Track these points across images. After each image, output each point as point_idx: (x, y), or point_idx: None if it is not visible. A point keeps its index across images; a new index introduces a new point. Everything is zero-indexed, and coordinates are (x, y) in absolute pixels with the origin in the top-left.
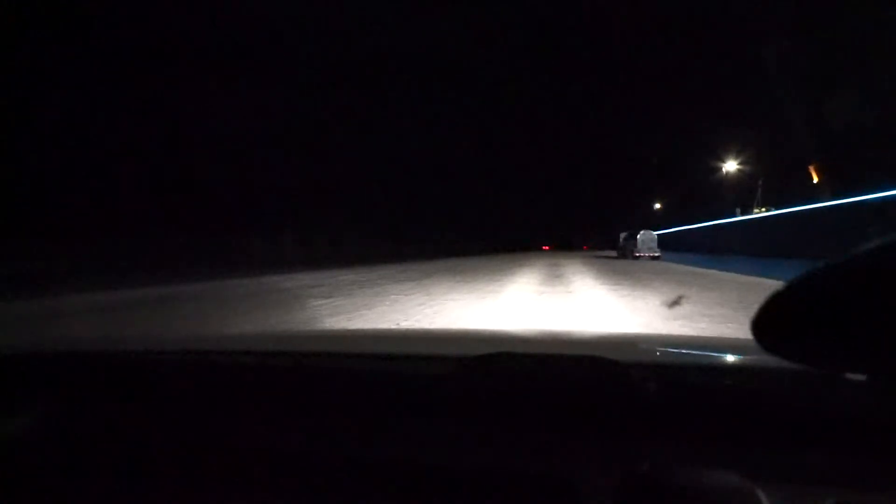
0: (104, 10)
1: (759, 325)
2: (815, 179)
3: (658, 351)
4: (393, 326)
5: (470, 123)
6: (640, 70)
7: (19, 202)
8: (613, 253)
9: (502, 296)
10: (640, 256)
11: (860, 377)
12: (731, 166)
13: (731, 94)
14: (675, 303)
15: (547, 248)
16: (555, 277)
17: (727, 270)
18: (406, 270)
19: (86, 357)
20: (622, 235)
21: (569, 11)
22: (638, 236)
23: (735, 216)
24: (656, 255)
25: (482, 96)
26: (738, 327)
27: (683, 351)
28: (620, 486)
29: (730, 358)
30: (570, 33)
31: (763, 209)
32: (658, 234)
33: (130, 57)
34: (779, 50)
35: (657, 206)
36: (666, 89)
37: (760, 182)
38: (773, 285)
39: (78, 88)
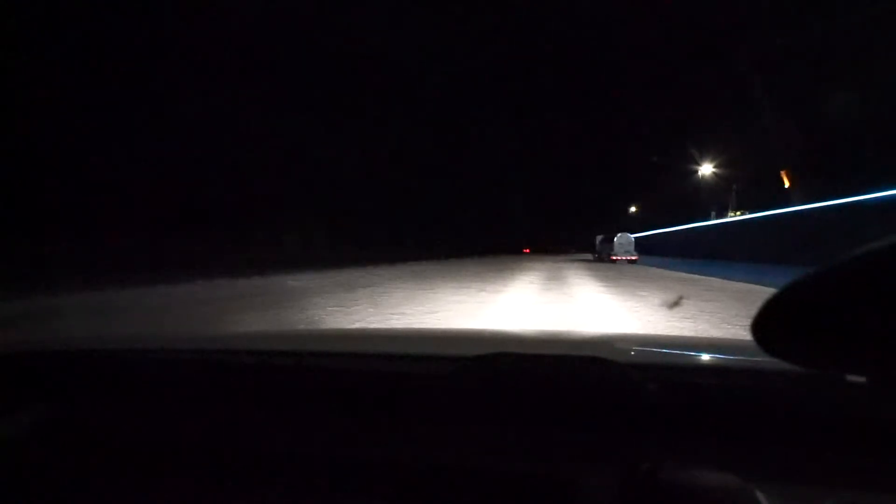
0: (107, 9)
1: (759, 326)
2: (787, 184)
3: (658, 351)
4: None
5: (452, 130)
6: (616, 73)
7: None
8: (589, 256)
9: (467, 308)
10: (616, 260)
11: (860, 378)
12: (706, 169)
13: (706, 97)
14: (675, 303)
15: (527, 250)
16: (529, 283)
17: (714, 276)
18: (368, 275)
19: (85, 355)
20: (598, 238)
21: (543, 16)
22: (615, 239)
23: (709, 220)
24: (633, 258)
25: (464, 103)
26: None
27: (683, 351)
28: (620, 486)
29: (729, 358)
30: (540, 39)
31: (738, 213)
32: (634, 238)
33: (129, 57)
34: (751, 55)
35: (633, 209)
36: (642, 93)
37: (734, 186)
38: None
39: (76, 88)
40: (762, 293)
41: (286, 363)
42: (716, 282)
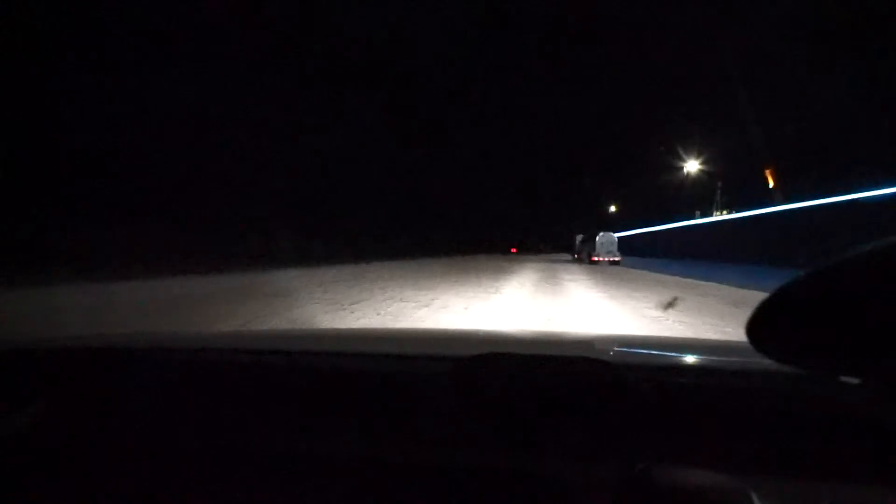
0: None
1: (753, 327)
2: (771, 183)
3: (653, 352)
4: None
5: (430, 127)
6: (597, 66)
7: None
8: (568, 256)
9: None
10: (598, 260)
11: (854, 379)
12: (692, 166)
13: (691, 92)
14: (669, 304)
15: (514, 250)
16: (494, 294)
17: (715, 280)
18: (303, 277)
19: (83, 353)
20: (578, 238)
21: (526, 11)
22: (597, 238)
23: (694, 219)
24: (616, 259)
25: (448, 100)
26: None
27: (678, 353)
28: (615, 486)
29: (724, 359)
30: (523, 37)
31: (724, 212)
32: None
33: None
34: (734, 51)
35: (612, 208)
36: (626, 90)
37: (719, 184)
38: None
39: (72, 82)
40: None
41: (284, 362)
42: (724, 290)
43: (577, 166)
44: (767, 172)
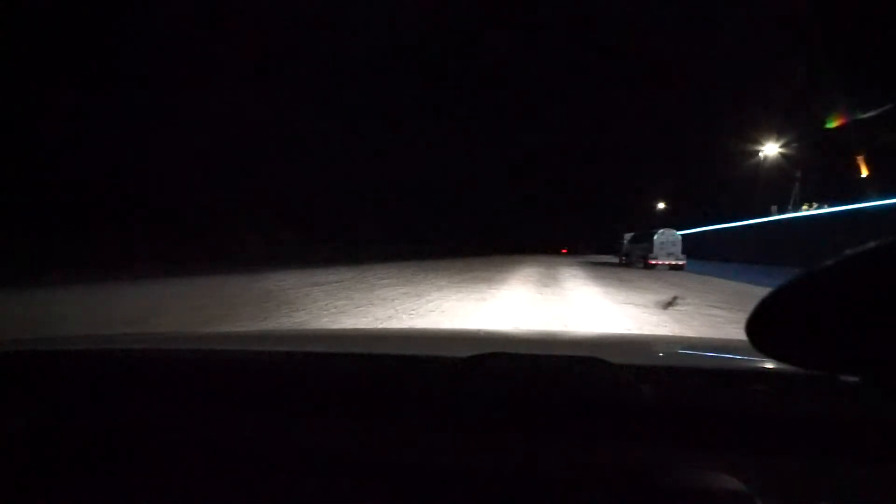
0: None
1: (753, 326)
2: (864, 172)
3: (654, 352)
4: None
5: (452, 122)
6: (648, 38)
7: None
8: (612, 258)
9: None
10: (655, 264)
11: (854, 379)
12: (771, 150)
13: (763, 68)
14: (669, 304)
15: (565, 251)
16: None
17: None
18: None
19: (83, 355)
20: (627, 237)
21: None
22: (654, 237)
23: (771, 215)
24: (680, 263)
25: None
26: None
27: (679, 352)
28: (616, 487)
29: (725, 359)
30: (559, 15)
31: (814, 205)
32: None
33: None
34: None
35: (661, 205)
36: (679, 57)
37: (798, 174)
38: None
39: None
40: None
41: (283, 363)
42: None
43: (617, 156)
44: (859, 160)
